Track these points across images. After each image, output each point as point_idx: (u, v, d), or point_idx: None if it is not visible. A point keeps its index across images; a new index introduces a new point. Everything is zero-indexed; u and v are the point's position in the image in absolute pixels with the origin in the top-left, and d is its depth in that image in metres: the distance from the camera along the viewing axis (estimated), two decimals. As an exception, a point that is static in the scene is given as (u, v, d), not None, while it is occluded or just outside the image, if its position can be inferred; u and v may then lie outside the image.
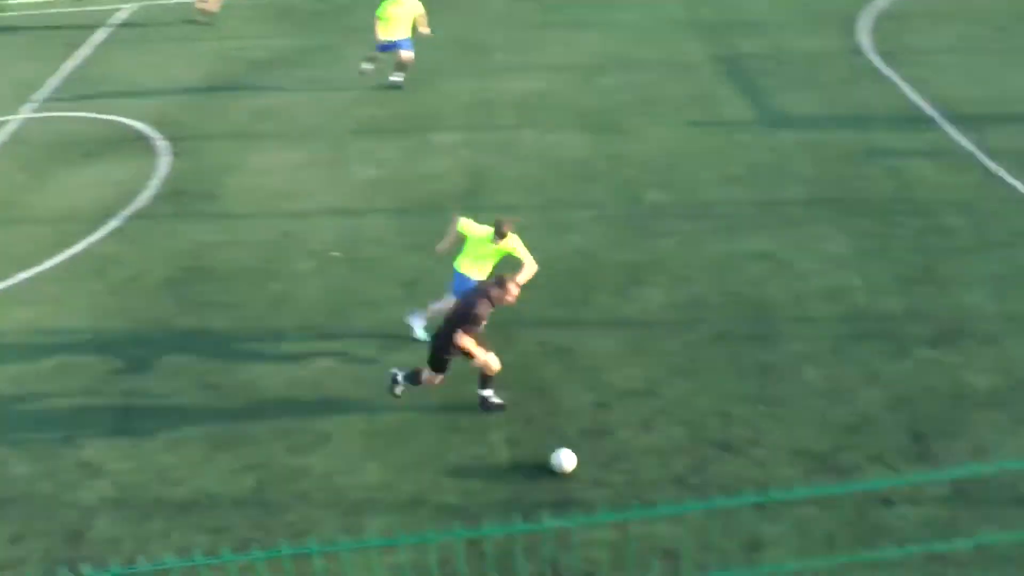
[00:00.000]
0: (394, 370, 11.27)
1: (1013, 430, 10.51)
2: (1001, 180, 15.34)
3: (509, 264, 11.58)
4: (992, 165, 15.76)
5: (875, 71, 19.35)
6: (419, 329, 12.29)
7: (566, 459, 10.17)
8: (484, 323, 10.64)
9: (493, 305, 10.68)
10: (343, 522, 9.81)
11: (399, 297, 13.11)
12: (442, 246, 12.22)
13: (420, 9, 19.58)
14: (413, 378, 11.13)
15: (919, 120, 17.36)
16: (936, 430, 10.54)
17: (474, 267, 11.75)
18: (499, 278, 10.80)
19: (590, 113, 18.29)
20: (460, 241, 12.00)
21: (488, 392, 11.11)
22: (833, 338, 11.97)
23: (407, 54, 19.48)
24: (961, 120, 17.21)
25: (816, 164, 15.95)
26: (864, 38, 20.91)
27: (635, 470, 10.21)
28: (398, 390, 11.22)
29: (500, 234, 11.51)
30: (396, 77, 19.70)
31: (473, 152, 17.10)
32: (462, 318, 10.58)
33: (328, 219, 15.26)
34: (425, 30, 19.72)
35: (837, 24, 21.72)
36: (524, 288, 11.17)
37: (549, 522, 8.12)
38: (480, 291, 10.83)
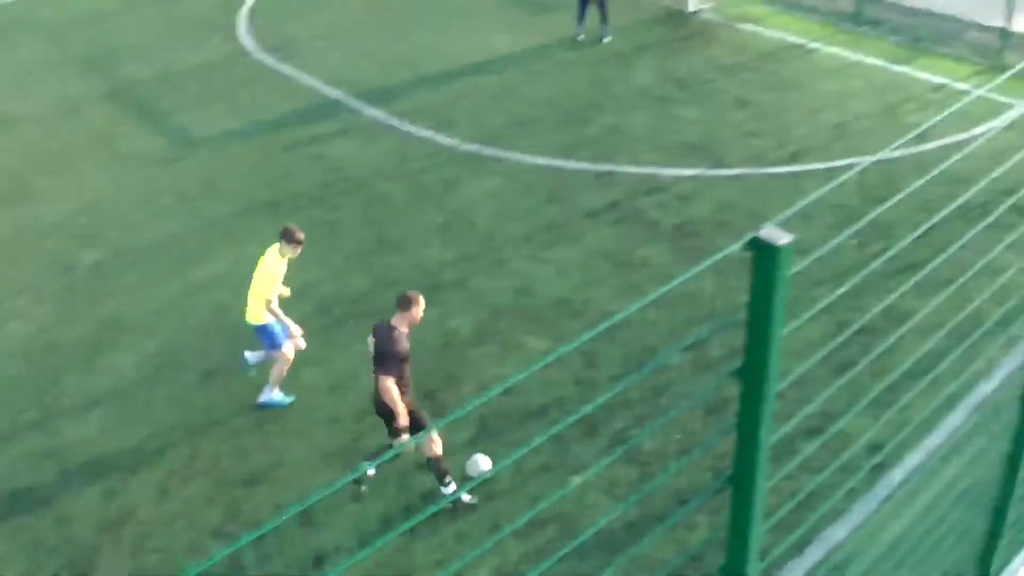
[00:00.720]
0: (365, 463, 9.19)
1: (502, 358, 11.15)
2: (417, 137, 16.23)
3: None
4: (406, 126, 16.61)
5: (269, 69, 19.49)
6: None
7: (481, 462, 9.45)
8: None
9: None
10: None
11: None
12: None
13: None
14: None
15: (326, 104, 17.78)
16: (441, 381, 10.92)
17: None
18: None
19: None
20: None
21: (450, 485, 9.45)
22: (318, 333, 11.87)
23: None
24: (364, 94, 17.95)
25: (242, 172, 15.71)
26: (247, 40, 20.94)
27: (167, 544, 9.41)
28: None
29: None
30: None
31: None
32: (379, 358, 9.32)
33: None
34: None
35: (217, 32, 21.53)
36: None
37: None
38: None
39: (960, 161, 4.40)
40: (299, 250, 10.81)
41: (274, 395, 10.96)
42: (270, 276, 10.64)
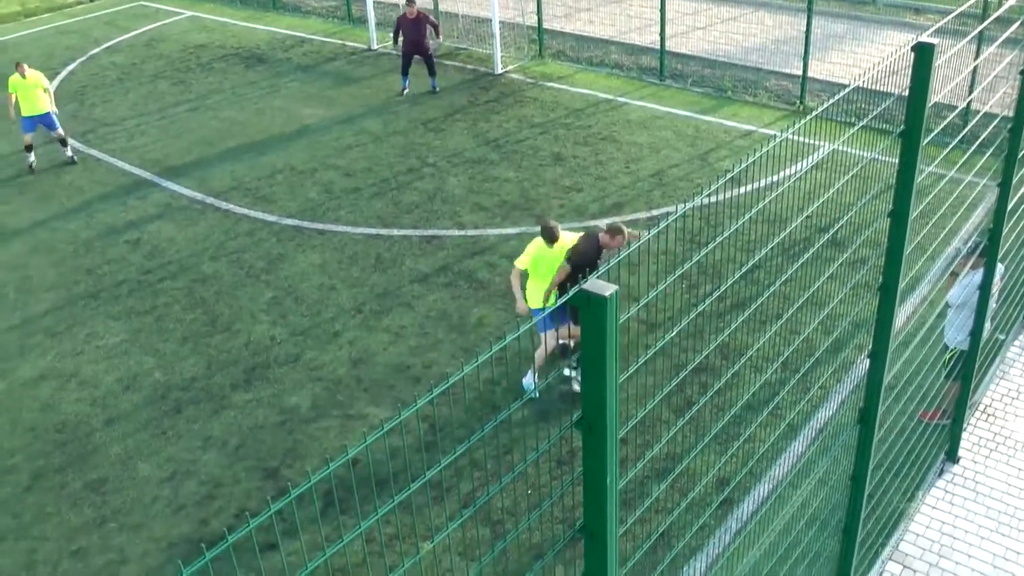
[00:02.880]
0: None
1: (344, 430, 10.97)
2: (237, 215, 15.94)
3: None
4: (225, 205, 16.29)
5: (79, 154, 18.82)
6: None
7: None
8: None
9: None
10: None
11: None
12: (521, 305, 10.59)
13: None
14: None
15: (141, 187, 17.29)
16: (282, 458, 10.66)
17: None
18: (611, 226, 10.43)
19: None
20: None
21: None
22: (152, 424, 11.44)
23: None
24: (179, 175, 17.57)
25: (58, 263, 15.05)
26: (53, 127, 20.23)
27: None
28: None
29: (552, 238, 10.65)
30: None
31: None
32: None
33: None
34: None
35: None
36: None
37: None
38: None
39: (775, 202, 4.57)
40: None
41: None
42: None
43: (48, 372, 12.55)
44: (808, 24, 18.70)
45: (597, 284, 3.29)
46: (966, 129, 8.25)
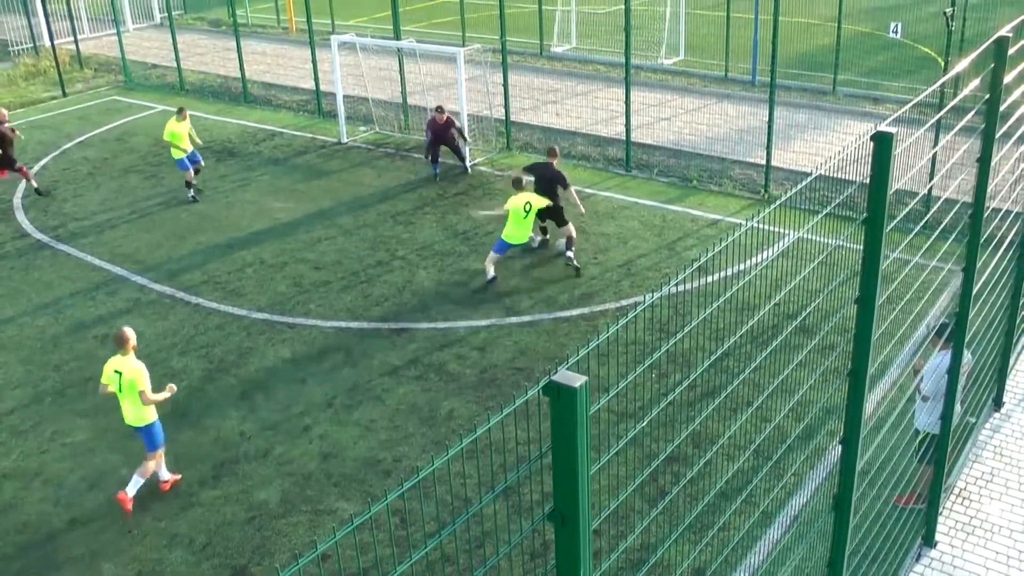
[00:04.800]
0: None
1: (313, 525, 10.79)
2: (206, 308, 15.89)
3: None
4: (194, 299, 16.24)
5: (48, 249, 18.76)
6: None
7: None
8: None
9: None
10: None
11: None
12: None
13: None
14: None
15: (110, 282, 17.22)
16: (251, 555, 10.47)
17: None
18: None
19: None
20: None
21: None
22: (117, 523, 11.22)
23: None
24: (148, 270, 17.54)
25: (24, 360, 14.87)
26: (24, 220, 20.18)
27: None
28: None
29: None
30: None
31: None
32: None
33: None
34: None
35: (-13, 218, 20.70)
36: None
37: None
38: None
39: (743, 289, 4.60)
40: None
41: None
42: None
43: (11, 472, 12.30)
44: (770, 114, 19.08)
45: (567, 375, 3.29)
46: (928, 215, 8.39)
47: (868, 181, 5.55)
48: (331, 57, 23.65)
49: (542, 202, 16.31)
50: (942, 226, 7.91)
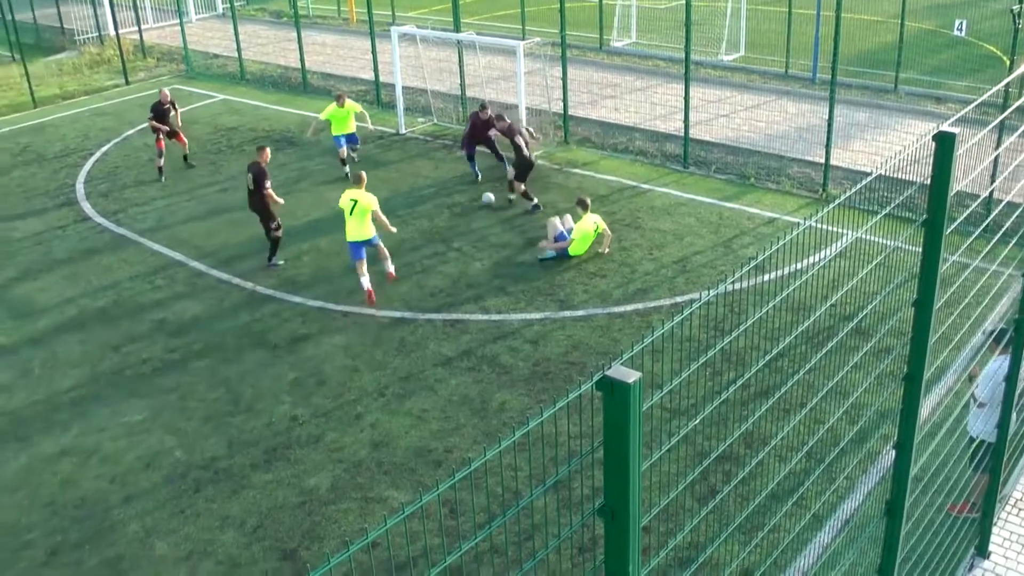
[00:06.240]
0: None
1: (363, 512, 10.88)
2: (262, 295, 16.10)
3: None
4: (250, 285, 16.47)
5: (109, 233, 19.10)
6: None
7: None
8: None
9: None
10: None
11: None
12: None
13: None
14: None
15: (168, 267, 17.50)
16: (301, 539, 10.58)
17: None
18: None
19: None
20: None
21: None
22: (170, 502, 11.41)
23: None
24: (206, 256, 17.80)
25: (84, 340, 15.17)
26: (87, 206, 20.57)
27: None
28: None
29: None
30: None
31: None
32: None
33: None
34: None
35: (56, 199, 21.10)
36: None
37: None
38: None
39: (799, 289, 4.58)
40: None
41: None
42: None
43: (70, 448, 12.57)
44: (830, 112, 18.87)
45: (621, 371, 3.29)
46: (989, 218, 8.26)
47: (929, 182, 5.49)
48: (391, 48, 23.78)
49: (603, 223, 16.80)
50: (1003, 230, 7.78)
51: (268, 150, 17.65)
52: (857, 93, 24.69)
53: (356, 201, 15.54)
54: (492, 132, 20.06)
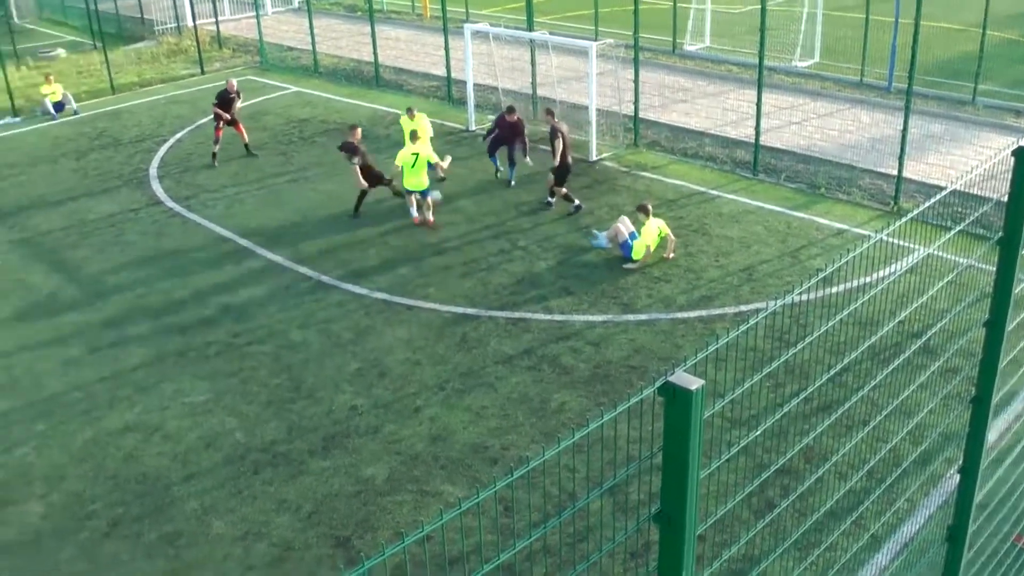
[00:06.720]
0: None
1: (418, 505, 10.95)
2: (327, 285, 16.27)
3: None
4: (315, 275, 16.63)
5: (179, 218, 19.44)
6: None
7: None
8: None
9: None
10: None
11: None
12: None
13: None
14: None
15: (235, 253, 17.76)
16: (355, 528, 10.70)
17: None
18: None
19: None
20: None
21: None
22: (229, 483, 11.59)
23: None
24: (272, 243, 18.06)
25: (152, 320, 15.45)
26: (158, 190, 20.95)
27: None
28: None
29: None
30: None
31: None
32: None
33: None
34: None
35: (130, 183, 21.54)
36: None
37: None
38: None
39: (866, 304, 4.52)
40: None
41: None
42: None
43: (134, 424, 12.82)
44: (905, 123, 18.55)
45: (683, 377, 3.29)
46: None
47: (1006, 199, 5.38)
48: (464, 45, 23.87)
49: (666, 227, 16.86)
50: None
51: (359, 129, 19.19)
52: (933, 104, 24.25)
53: (417, 155, 18.07)
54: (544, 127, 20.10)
